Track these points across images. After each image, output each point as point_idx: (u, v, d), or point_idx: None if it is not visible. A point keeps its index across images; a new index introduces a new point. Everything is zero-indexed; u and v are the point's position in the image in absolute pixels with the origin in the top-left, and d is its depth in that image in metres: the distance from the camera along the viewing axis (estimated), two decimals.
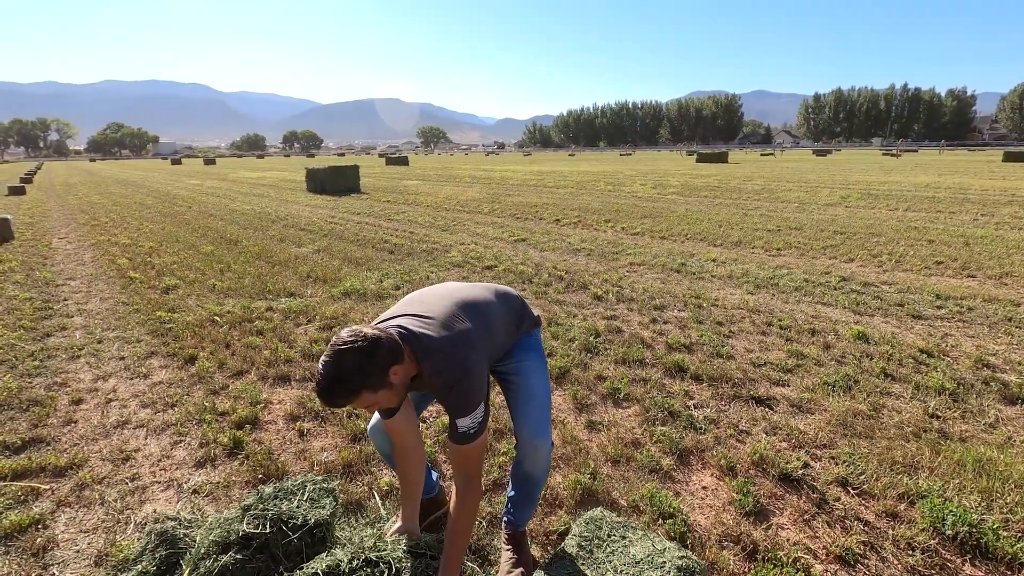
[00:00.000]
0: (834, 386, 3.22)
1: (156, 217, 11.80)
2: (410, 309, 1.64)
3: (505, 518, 1.97)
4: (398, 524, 1.84)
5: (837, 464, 2.48)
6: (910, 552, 1.96)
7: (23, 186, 20.61)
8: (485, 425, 1.59)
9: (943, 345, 3.83)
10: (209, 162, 59.19)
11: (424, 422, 2.92)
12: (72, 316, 4.92)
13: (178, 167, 47.76)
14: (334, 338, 1.43)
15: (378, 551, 1.60)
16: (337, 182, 17.49)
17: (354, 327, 1.46)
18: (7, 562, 1.97)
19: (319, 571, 1.50)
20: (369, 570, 1.54)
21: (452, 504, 1.62)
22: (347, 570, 1.52)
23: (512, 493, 1.95)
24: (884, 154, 44.83)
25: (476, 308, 1.69)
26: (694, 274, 6.00)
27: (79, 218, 12.02)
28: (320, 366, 1.40)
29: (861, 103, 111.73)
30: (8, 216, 9.56)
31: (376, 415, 1.90)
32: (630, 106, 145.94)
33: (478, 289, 1.81)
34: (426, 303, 1.66)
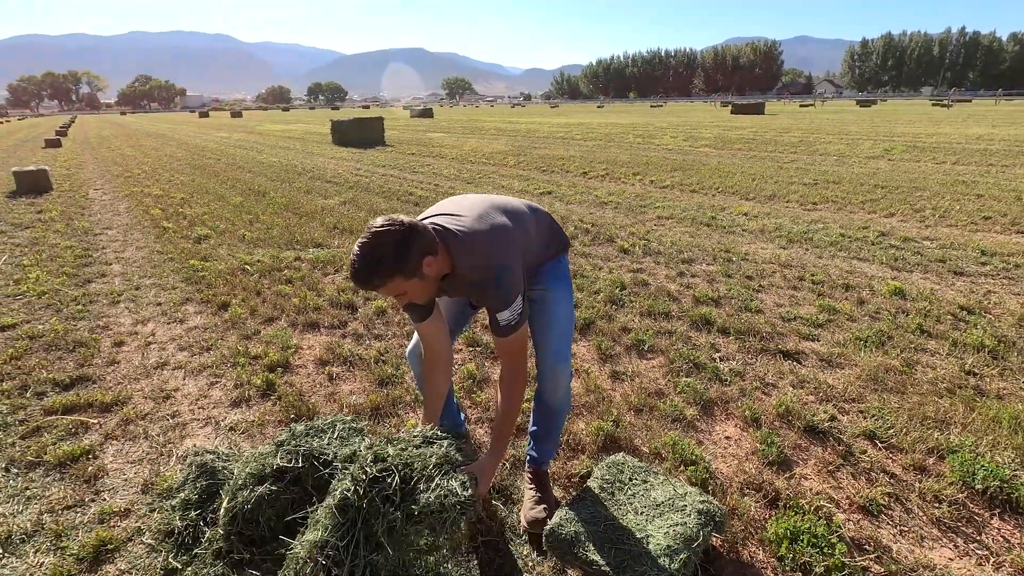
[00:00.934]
0: (866, 341, 3.15)
1: (186, 169, 11.96)
2: (445, 210, 1.67)
3: (528, 455, 2.03)
4: None
5: (865, 418, 2.45)
6: (936, 504, 1.94)
7: (58, 139, 21.04)
8: (525, 318, 1.64)
9: (985, 302, 3.68)
10: (236, 115, 59.27)
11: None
12: (110, 264, 5.08)
13: (206, 120, 47.99)
14: (370, 223, 1.45)
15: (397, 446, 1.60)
16: (362, 134, 17.35)
17: (390, 215, 1.49)
18: (63, 487, 2.11)
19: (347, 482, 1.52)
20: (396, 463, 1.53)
21: (499, 397, 1.71)
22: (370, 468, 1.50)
23: (534, 428, 2.01)
24: (934, 104, 42.17)
25: (511, 212, 1.72)
26: (724, 228, 5.84)
27: (113, 170, 12.26)
28: (356, 248, 1.43)
29: (912, 49, 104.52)
30: (46, 167, 9.81)
31: (415, 338, 1.96)
32: (662, 54, 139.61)
33: (512, 199, 1.84)
34: (461, 206, 1.68)
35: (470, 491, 1.43)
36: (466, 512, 1.42)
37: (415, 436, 1.60)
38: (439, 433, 1.62)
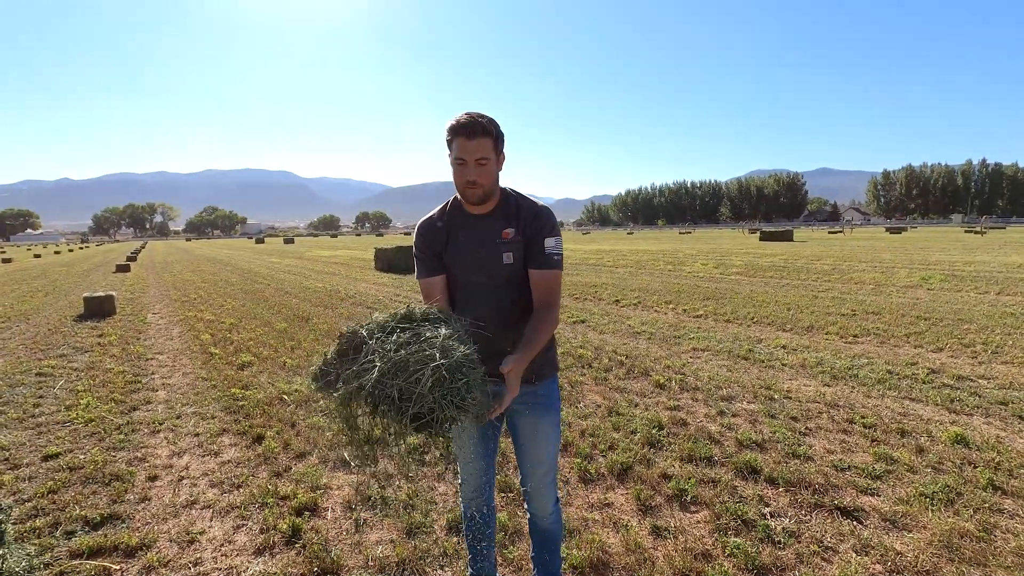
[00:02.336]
0: (932, 498, 2.89)
1: (238, 294, 12.72)
2: None
3: None
4: None
5: None
6: None
7: (128, 264, 22.97)
8: (562, 264, 1.80)
9: None
10: (288, 241, 63.98)
11: None
12: (157, 390, 5.26)
13: (261, 246, 51.92)
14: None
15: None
16: (404, 261, 18.35)
17: None
18: None
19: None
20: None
21: (531, 321, 1.72)
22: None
23: (534, 554, 2.16)
24: (967, 231, 42.27)
25: None
26: (763, 362, 5.72)
27: (172, 294, 13.15)
28: (461, 115, 1.65)
29: (935, 180, 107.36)
30: (113, 293, 10.61)
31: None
32: (688, 185, 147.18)
33: None
34: None
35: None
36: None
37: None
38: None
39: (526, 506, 2.06)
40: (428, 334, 1.43)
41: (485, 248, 1.79)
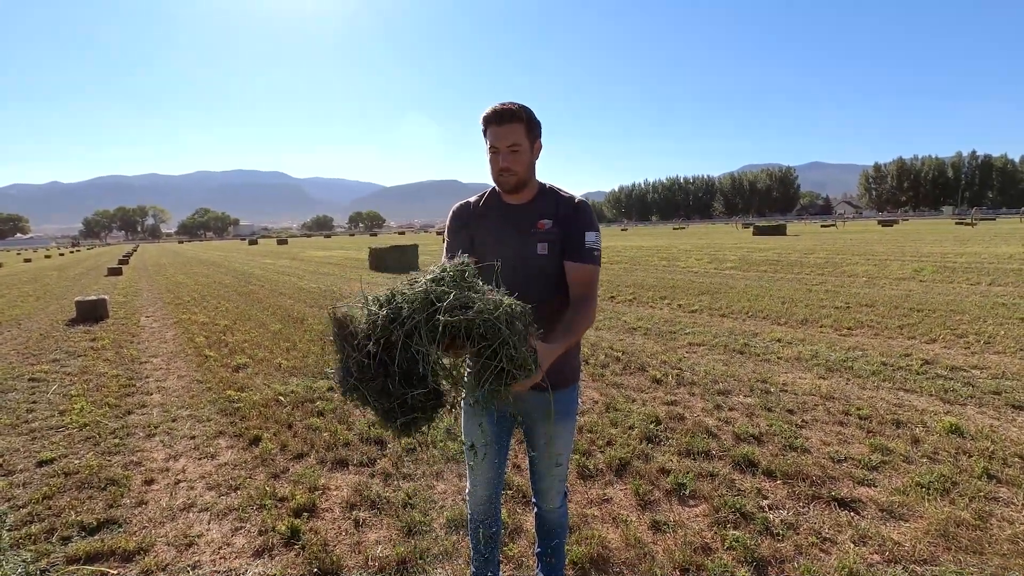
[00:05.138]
0: (928, 488, 2.91)
1: (232, 296, 12.65)
2: None
3: None
4: None
5: None
6: None
7: (120, 267, 22.79)
8: (600, 260, 1.77)
9: None
10: (282, 242, 63.67)
11: None
12: (151, 394, 5.23)
13: (254, 247, 51.62)
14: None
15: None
16: (398, 260, 18.31)
17: None
18: None
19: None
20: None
21: (570, 312, 1.69)
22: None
23: (539, 550, 2.16)
24: (958, 223, 42.59)
25: None
26: (759, 355, 5.74)
27: (165, 297, 13.06)
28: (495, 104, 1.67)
29: (926, 172, 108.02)
30: (105, 296, 10.53)
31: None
32: (681, 181, 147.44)
33: None
34: None
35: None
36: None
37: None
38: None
39: (534, 500, 2.05)
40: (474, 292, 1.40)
41: (519, 238, 1.75)
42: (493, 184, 1.80)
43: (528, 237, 1.74)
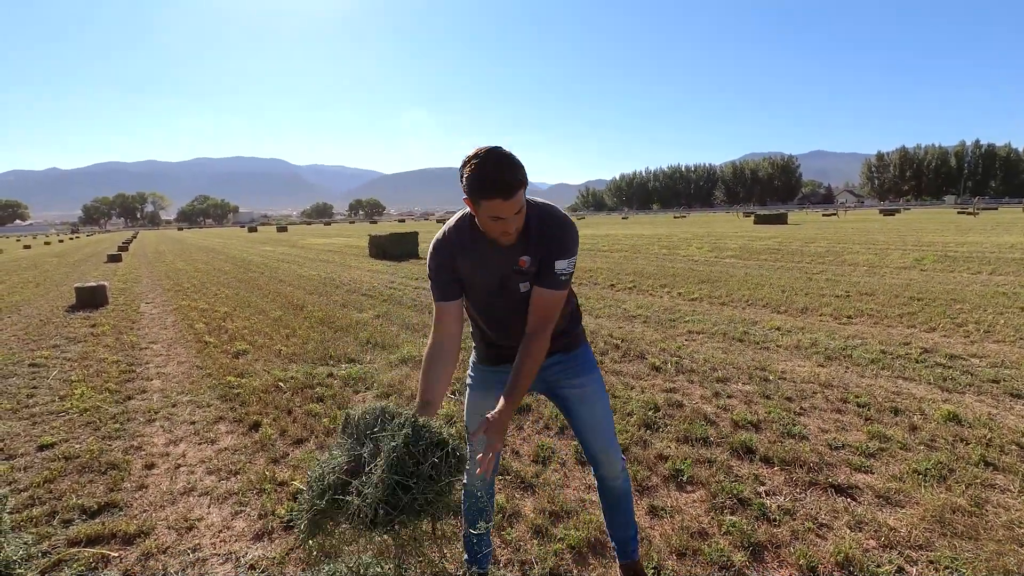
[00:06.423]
0: (925, 475, 2.92)
1: (232, 283, 12.64)
2: None
3: (617, 554, 2.20)
4: None
5: (937, 570, 2.20)
6: None
7: (120, 254, 22.76)
8: (570, 281, 1.76)
9: None
10: (281, 229, 63.55)
11: None
12: (151, 379, 5.24)
13: (254, 234, 51.53)
14: (471, 152, 1.50)
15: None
16: (397, 247, 18.27)
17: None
18: None
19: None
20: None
21: (521, 348, 1.72)
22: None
23: (611, 530, 2.18)
24: (959, 212, 42.44)
25: None
26: (758, 343, 5.74)
27: (164, 283, 13.06)
28: (478, 164, 1.47)
29: (929, 161, 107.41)
30: (105, 283, 10.52)
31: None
32: (683, 169, 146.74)
33: None
34: None
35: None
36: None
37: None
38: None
39: (594, 471, 2.07)
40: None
41: (501, 276, 1.77)
42: (469, 211, 1.71)
43: (510, 277, 1.77)
